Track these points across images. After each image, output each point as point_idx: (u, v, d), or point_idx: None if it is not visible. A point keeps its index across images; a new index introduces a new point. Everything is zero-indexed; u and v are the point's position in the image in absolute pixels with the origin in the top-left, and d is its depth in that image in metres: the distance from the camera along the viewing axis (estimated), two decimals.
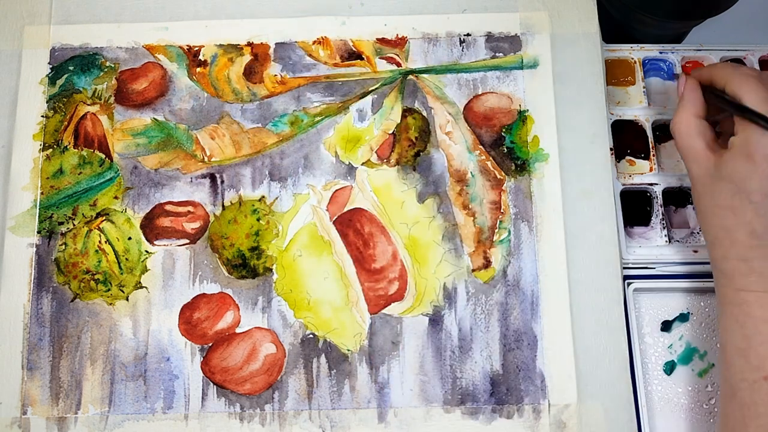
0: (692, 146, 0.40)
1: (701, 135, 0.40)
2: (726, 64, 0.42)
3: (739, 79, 0.39)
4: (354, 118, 0.48)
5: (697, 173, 0.40)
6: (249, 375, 0.43)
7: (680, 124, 0.41)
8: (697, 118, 0.41)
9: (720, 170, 0.39)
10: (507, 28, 0.49)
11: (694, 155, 0.40)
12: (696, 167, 0.40)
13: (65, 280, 0.45)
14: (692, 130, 0.40)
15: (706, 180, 0.39)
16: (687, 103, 0.41)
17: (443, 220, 0.46)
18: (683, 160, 0.41)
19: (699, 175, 0.40)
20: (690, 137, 0.40)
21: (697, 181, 0.40)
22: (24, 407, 0.43)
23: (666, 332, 0.47)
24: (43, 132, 0.47)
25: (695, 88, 0.42)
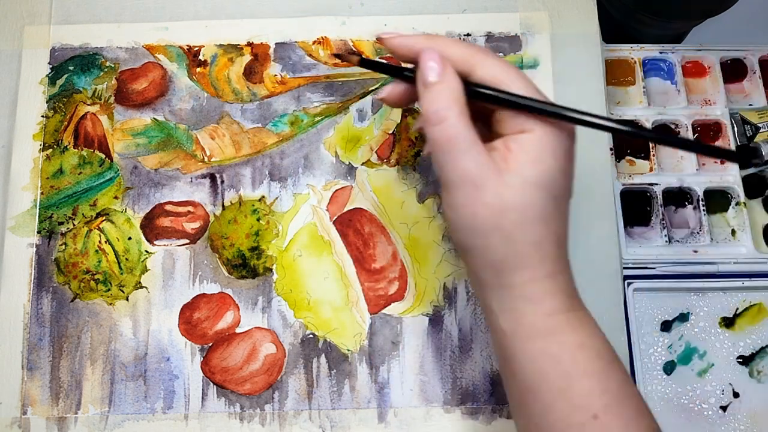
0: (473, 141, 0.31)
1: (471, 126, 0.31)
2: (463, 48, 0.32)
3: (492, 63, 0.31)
4: (354, 118, 0.48)
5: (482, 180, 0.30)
6: (249, 375, 0.43)
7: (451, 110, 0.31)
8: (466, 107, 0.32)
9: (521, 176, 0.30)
10: (507, 28, 0.49)
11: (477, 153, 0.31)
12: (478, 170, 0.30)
13: (65, 280, 0.45)
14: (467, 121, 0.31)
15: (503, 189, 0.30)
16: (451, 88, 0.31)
17: (443, 220, 0.46)
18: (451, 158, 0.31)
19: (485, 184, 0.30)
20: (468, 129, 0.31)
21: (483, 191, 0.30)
22: (24, 407, 0.43)
23: (666, 332, 0.47)
24: (43, 132, 0.47)
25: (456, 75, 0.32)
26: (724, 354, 0.47)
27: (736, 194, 0.50)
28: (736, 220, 0.50)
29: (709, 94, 0.53)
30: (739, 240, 0.49)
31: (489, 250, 0.31)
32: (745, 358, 0.46)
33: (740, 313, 0.47)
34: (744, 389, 0.46)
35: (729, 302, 0.48)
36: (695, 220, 0.50)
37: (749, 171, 0.51)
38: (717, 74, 0.53)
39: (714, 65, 0.53)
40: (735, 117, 0.52)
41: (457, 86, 0.31)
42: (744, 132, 0.51)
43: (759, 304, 0.48)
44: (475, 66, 0.32)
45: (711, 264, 0.48)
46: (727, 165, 0.51)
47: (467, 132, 0.31)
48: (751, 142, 0.51)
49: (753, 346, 0.47)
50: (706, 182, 0.50)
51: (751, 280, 0.47)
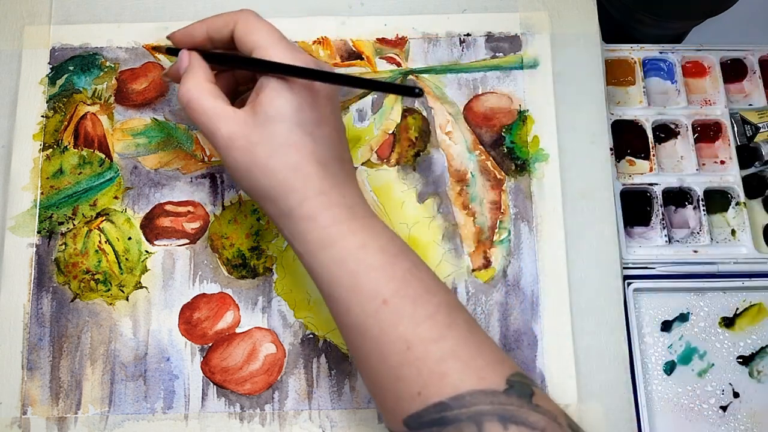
0: (215, 105, 0.36)
1: (219, 96, 0.37)
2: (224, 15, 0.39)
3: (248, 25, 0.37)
4: (354, 118, 0.48)
5: (234, 130, 0.35)
6: (249, 375, 0.43)
7: (191, 91, 0.37)
8: (208, 83, 0.37)
9: (264, 114, 0.35)
10: (507, 28, 0.49)
11: (223, 113, 0.36)
12: (230, 125, 0.36)
13: (65, 280, 0.45)
14: (208, 93, 0.37)
15: (251, 131, 0.35)
16: (193, 72, 0.38)
17: (443, 220, 0.46)
18: (207, 128, 0.36)
19: (236, 132, 0.35)
20: (209, 98, 0.36)
21: (237, 139, 0.35)
22: (24, 407, 0.43)
23: (666, 332, 0.47)
24: (43, 132, 0.47)
25: (199, 58, 0.39)
26: (724, 354, 0.47)
27: (736, 194, 0.50)
28: (736, 220, 0.50)
29: (709, 94, 0.53)
30: (739, 240, 0.49)
31: (260, 185, 0.36)
32: (745, 358, 0.46)
33: (740, 313, 0.47)
34: (744, 389, 0.46)
35: (729, 302, 0.48)
36: (695, 220, 0.50)
37: (749, 171, 0.51)
38: (717, 74, 0.53)
39: (714, 65, 0.53)
40: (735, 117, 0.52)
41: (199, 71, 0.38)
42: (744, 132, 0.51)
43: (759, 304, 0.48)
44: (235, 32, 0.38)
45: (711, 264, 0.48)
46: (727, 165, 0.51)
47: (213, 102, 0.36)
48: (751, 142, 0.51)
49: (753, 346, 0.47)
50: (706, 182, 0.50)
51: (751, 280, 0.47)
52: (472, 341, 0.34)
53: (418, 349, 0.33)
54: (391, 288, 0.34)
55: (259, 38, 0.37)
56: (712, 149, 0.52)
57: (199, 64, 0.38)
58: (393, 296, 0.34)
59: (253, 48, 0.37)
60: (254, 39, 0.37)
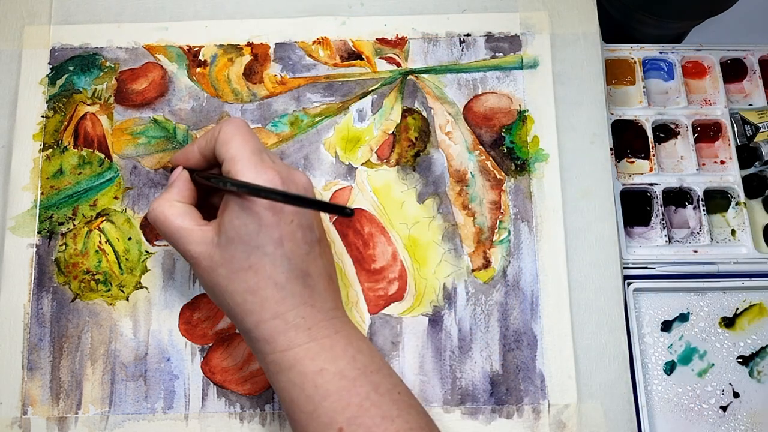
0: (182, 226, 0.37)
1: (187, 215, 0.37)
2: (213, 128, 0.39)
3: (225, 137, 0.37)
4: (354, 118, 0.48)
5: (199, 251, 0.36)
6: (249, 375, 0.44)
7: (160, 209, 0.38)
8: (177, 202, 0.38)
9: (225, 235, 0.35)
10: (507, 28, 0.49)
11: (189, 234, 0.37)
12: (195, 246, 0.36)
13: (65, 280, 0.45)
14: (176, 212, 0.37)
15: (213, 252, 0.36)
16: (169, 190, 0.39)
17: (443, 220, 0.46)
18: (177, 246, 0.37)
19: (201, 252, 0.36)
20: (177, 218, 0.37)
21: (202, 259, 0.36)
22: (24, 407, 0.43)
23: (666, 332, 0.47)
24: (43, 132, 0.47)
25: (184, 178, 0.39)
26: (724, 354, 0.47)
27: (736, 194, 0.50)
28: (736, 220, 0.50)
29: (709, 94, 0.53)
30: (739, 240, 0.49)
31: (221, 303, 0.37)
32: (745, 358, 0.46)
33: (740, 313, 0.47)
34: (744, 389, 0.46)
35: (729, 302, 0.48)
36: (695, 220, 0.50)
37: (749, 171, 0.51)
38: (717, 74, 0.53)
39: (714, 65, 0.53)
40: (735, 117, 0.52)
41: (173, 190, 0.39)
42: (744, 132, 0.51)
43: (759, 304, 0.48)
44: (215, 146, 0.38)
45: (711, 264, 0.48)
46: (727, 165, 0.51)
47: (178, 220, 0.37)
48: (751, 142, 0.51)
49: (753, 346, 0.47)
50: (706, 182, 0.50)
51: (751, 280, 0.47)
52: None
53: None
54: (346, 416, 0.34)
55: (230, 151, 0.36)
56: (712, 149, 0.52)
57: (178, 183, 0.39)
58: (349, 424, 0.34)
59: (224, 161, 0.37)
60: (225, 151, 0.37)
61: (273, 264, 0.35)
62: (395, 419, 0.35)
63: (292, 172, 0.37)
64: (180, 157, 0.41)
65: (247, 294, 0.35)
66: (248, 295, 0.35)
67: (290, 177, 0.37)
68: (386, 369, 0.37)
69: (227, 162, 0.36)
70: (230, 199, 0.36)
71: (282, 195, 0.34)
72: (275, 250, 0.35)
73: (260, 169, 0.35)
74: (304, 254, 0.36)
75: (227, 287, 0.36)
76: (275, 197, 0.34)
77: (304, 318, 0.36)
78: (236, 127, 0.37)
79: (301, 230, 0.36)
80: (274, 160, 0.37)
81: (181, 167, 0.40)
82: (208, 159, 0.39)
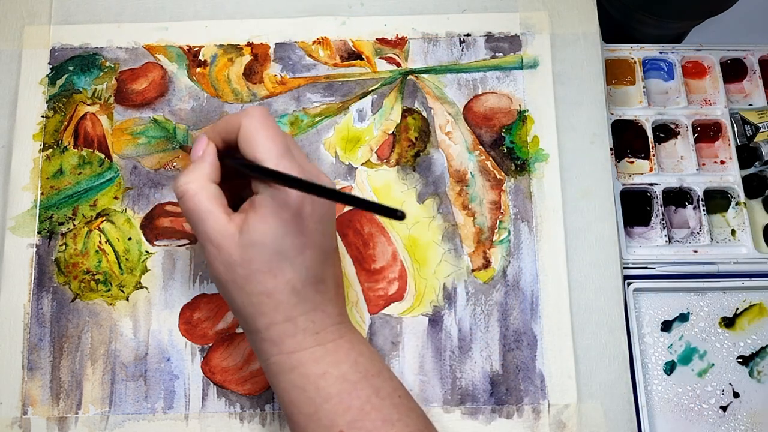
0: (211, 210, 0.35)
1: (218, 198, 0.36)
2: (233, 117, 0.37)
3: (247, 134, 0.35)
4: (354, 118, 0.48)
5: (220, 242, 0.35)
6: (249, 375, 0.44)
7: (191, 184, 0.35)
8: (210, 182, 0.36)
9: (247, 236, 0.34)
10: (507, 28, 0.49)
11: (215, 221, 0.35)
12: (217, 235, 0.35)
13: (65, 280, 0.45)
14: (208, 194, 0.35)
15: (234, 250, 0.35)
16: (200, 165, 0.36)
17: (443, 220, 0.46)
18: (197, 227, 0.36)
19: (222, 246, 0.35)
20: (208, 201, 0.35)
21: (221, 252, 0.35)
22: (24, 407, 0.43)
23: (666, 332, 0.47)
24: (43, 132, 0.47)
25: (213, 153, 0.37)
26: (724, 354, 0.47)
27: (736, 194, 0.50)
28: (736, 220, 0.50)
29: (709, 94, 0.53)
30: (739, 240, 0.49)
31: (232, 300, 0.36)
32: (745, 358, 0.46)
33: (740, 313, 0.47)
34: (744, 389, 0.46)
35: (729, 302, 0.48)
36: (695, 220, 0.50)
37: (749, 171, 0.51)
38: (717, 74, 0.53)
39: (714, 65, 0.53)
40: (735, 117, 0.52)
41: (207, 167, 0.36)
42: (744, 132, 0.51)
43: (759, 304, 0.48)
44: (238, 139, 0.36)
45: (711, 264, 0.48)
46: (727, 165, 0.51)
47: (207, 202, 0.35)
48: (751, 142, 0.51)
49: (753, 346, 0.47)
50: (706, 182, 0.50)
51: (751, 280, 0.47)
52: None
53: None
54: (347, 419, 0.34)
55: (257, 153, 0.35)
56: (712, 149, 0.52)
57: (210, 159, 0.37)
58: (349, 428, 0.34)
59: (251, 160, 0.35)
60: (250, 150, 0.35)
61: (293, 270, 0.35)
62: (395, 423, 0.35)
63: (320, 178, 0.37)
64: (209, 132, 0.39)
65: (262, 296, 0.35)
66: (264, 297, 0.35)
67: (320, 180, 0.36)
68: (387, 373, 0.37)
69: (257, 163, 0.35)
70: (259, 200, 0.35)
71: (337, 194, 0.32)
72: (297, 256, 0.35)
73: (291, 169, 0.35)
74: (321, 262, 0.36)
75: (243, 286, 0.35)
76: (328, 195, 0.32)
77: (313, 322, 0.36)
78: (258, 122, 0.35)
79: (323, 238, 0.36)
80: (301, 164, 0.36)
81: (208, 141, 0.38)
82: (231, 146, 0.37)
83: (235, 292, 0.36)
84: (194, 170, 0.36)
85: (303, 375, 0.35)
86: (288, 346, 0.35)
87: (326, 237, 0.36)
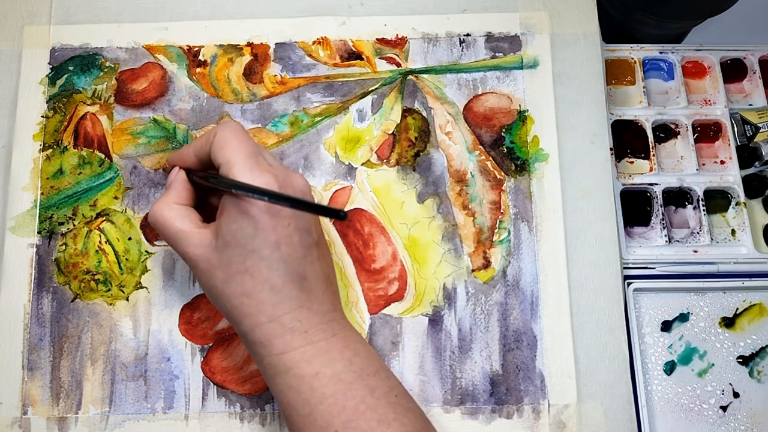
0: (181, 229, 0.37)
1: (186, 217, 0.38)
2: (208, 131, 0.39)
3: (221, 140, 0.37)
4: (354, 118, 0.48)
5: (198, 253, 0.36)
6: (249, 375, 0.44)
7: (159, 212, 0.38)
8: (177, 204, 0.38)
9: (222, 239, 0.35)
10: (507, 28, 0.49)
11: (187, 236, 0.37)
12: (194, 248, 0.36)
13: (65, 280, 0.45)
14: (175, 214, 0.37)
15: (211, 255, 0.36)
16: (168, 192, 0.39)
17: (443, 220, 0.46)
18: (176, 248, 0.38)
19: (200, 255, 0.36)
20: (175, 221, 0.37)
21: (201, 261, 0.36)
22: (24, 407, 0.43)
23: (666, 332, 0.47)
24: (43, 132, 0.47)
25: (182, 179, 0.40)
26: (724, 354, 0.47)
27: (736, 194, 0.50)
28: (736, 220, 0.50)
29: (709, 94, 0.53)
30: (739, 240, 0.49)
31: (219, 306, 0.37)
32: (745, 358, 0.47)
33: (740, 313, 0.47)
34: (744, 389, 0.46)
35: (729, 302, 0.48)
36: (695, 220, 0.50)
37: (749, 171, 0.51)
38: (717, 74, 0.53)
39: (714, 65, 0.53)
40: (735, 117, 0.52)
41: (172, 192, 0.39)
42: (744, 132, 0.51)
43: (759, 304, 0.48)
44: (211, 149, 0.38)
45: (711, 264, 0.48)
46: (727, 165, 0.51)
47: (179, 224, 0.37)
48: (751, 142, 0.51)
49: (753, 346, 0.47)
50: (706, 182, 0.50)
51: (751, 280, 0.47)
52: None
53: None
54: (342, 419, 0.34)
55: (226, 155, 0.36)
56: (712, 149, 0.52)
57: (176, 185, 0.39)
58: (344, 428, 0.34)
59: (220, 165, 0.36)
60: (221, 155, 0.36)
61: (269, 267, 0.35)
62: (391, 423, 0.35)
63: (289, 174, 0.37)
64: (176, 158, 0.41)
65: (243, 297, 0.35)
66: (244, 298, 0.35)
67: (287, 180, 0.36)
68: (384, 372, 0.37)
69: (223, 166, 0.36)
70: (227, 202, 0.36)
71: (276, 196, 0.34)
72: (272, 253, 0.35)
73: (256, 172, 0.35)
74: (300, 257, 0.36)
75: (224, 290, 0.36)
76: (269, 199, 0.34)
77: (300, 321, 0.36)
78: (231, 131, 0.37)
79: (299, 233, 0.36)
80: (271, 163, 0.37)
81: (177, 168, 0.41)
82: (203, 162, 0.39)
83: (219, 297, 0.36)
84: (162, 198, 0.39)
85: (297, 376, 0.35)
86: (277, 347, 0.35)
87: (302, 232, 0.36)
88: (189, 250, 0.37)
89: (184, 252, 0.37)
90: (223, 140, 0.37)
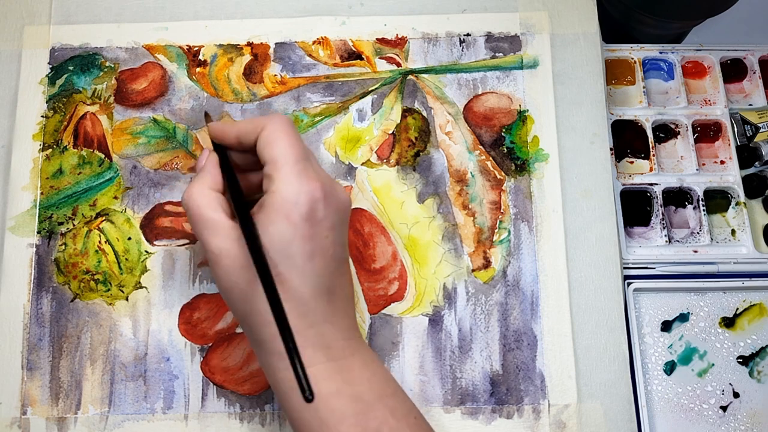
0: (212, 218, 0.34)
1: (219, 206, 0.35)
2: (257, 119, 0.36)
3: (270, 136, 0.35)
4: (354, 118, 0.48)
5: (224, 247, 0.34)
6: (249, 375, 0.43)
7: (195, 196, 0.35)
8: (213, 191, 0.36)
9: None
10: (507, 28, 0.49)
11: (216, 227, 0.34)
12: (221, 241, 0.34)
13: (65, 280, 0.45)
14: (208, 202, 0.35)
15: (238, 252, 0.33)
16: (203, 176, 0.36)
17: (443, 220, 0.46)
18: (201, 237, 0.35)
19: (226, 250, 0.34)
20: (209, 209, 0.34)
21: (224, 257, 0.34)
22: (24, 407, 0.43)
23: (666, 332, 0.47)
24: (43, 132, 0.47)
25: (213, 162, 0.37)
26: (724, 354, 0.47)
27: (736, 194, 0.50)
28: (736, 220, 0.50)
29: (709, 94, 0.53)
30: (739, 240, 0.49)
31: (237, 308, 0.34)
32: (745, 358, 0.46)
33: (740, 313, 0.47)
34: (744, 389, 0.46)
35: (729, 302, 0.48)
36: (695, 220, 0.50)
37: (749, 171, 0.51)
38: (717, 74, 0.53)
39: (714, 65, 0.53)
40: (735, 117, 0.52)
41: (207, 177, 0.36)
42: (744, 132, 0.51)
43: (759, 304, 0.48)
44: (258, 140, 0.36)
45: (711, 264, 0.48)
46: (727, 165, 0.51)
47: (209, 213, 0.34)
48: (751, 142, 0.51)
49: (753, 346, 0.47)
50: (706, 182, 0.50)
51: (751, 280, 0.47)
52: None
53: None
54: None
55: (275, 154, 0.34)
56: (712, 149, 0.52)
57: (210, 170, 0.37)
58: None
59: (266, 162, 0.35)
60: (269, 153, 0.35)
61: (301, 277, 0.33)
62: None
63: (335, 186, 0.35)
64: (217, 131, 0.38)
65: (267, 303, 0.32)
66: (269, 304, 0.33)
67: (333, 190, 0.35)
68: (401, 393, 0.36)
69: (270, 165, 0.34)
70: (268, 200, 0.34)
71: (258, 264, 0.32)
72: (305, 263, 0.33)
73: (303, 179, 0.34)
74: (332, 271, 0.34)
75: (247, 291, 0.33)
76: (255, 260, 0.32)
77: (323, 335, 0.34)
78: (282, 128, 0.35)
79: (334, 247, 0.34)
80: (317, 171, 0.35)
81: (208, 150, 0.38)
82: (244, 147, 0.37)
83: (238, 297, 0.34)
84: (198, 181, 0.36)
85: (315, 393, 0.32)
86: None
87: (338, 246, 0.35)
88: (215, 241, 0.34)
89: (209, 242, 0.34)
90: (273, 137, 0.35)
